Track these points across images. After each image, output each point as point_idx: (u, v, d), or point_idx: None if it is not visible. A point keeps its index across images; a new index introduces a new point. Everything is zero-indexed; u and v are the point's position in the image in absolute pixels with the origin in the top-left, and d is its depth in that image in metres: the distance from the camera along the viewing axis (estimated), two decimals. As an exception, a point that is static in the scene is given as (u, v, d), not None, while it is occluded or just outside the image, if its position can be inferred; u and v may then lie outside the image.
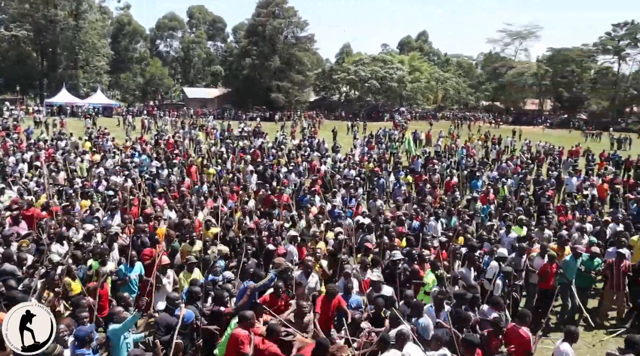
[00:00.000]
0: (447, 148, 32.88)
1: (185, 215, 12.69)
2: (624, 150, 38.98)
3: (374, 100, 72.38)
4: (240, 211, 13.46)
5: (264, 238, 10.94)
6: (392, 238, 11.24)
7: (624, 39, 67.74)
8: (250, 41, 67.96)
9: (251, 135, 35.88)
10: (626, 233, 12.25)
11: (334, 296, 7.88)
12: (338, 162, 23.45)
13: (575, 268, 10.29)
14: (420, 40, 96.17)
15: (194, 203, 13.79)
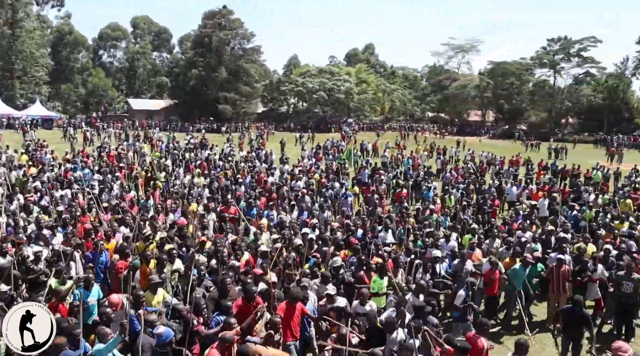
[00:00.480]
0: (393, 158, 33.36)
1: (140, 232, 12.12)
2: (560, 159, 40.59)
3: (322, 112, 72.86)
4: (198, 225, 13.17)
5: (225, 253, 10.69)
6: (339, 248, 11.29)
7: (558, 53, 70.86)
8: (196, 52, 67.32)
9: (198, 147, 35.42)
10: (567, 238, 12.72)
11: (297, 301, 7.86)
12: (285, 173, 23.41)
13: (524, 277, 10.55)
14: (367, 53, 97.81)
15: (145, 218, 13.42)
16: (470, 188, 21.11)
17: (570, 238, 13.13)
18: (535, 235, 13.46)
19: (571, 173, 28.14)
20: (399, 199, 18.92)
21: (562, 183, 27.00)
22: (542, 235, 13.68)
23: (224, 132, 53.93)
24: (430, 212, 16.02)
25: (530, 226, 14.80)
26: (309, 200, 17.56)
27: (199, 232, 12.68)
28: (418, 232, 13.56)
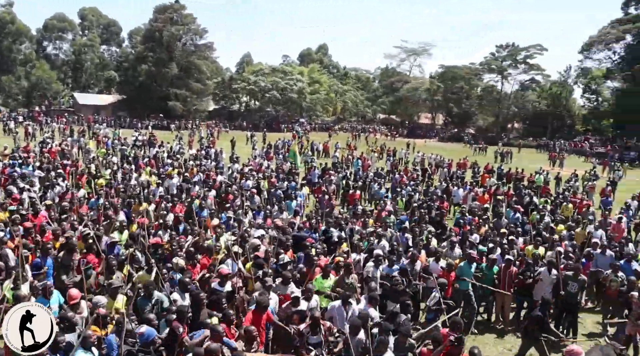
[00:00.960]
0: (344, 159, 33.52)
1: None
2: (506, 163, 41.75)
3: (274, 111, 72.58)
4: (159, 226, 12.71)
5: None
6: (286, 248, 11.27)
7: (506, 59, 72.94)
8: (146, 47, 65.77)
9: (146, 144, 34.61)
10: (513, 239, 13.03)
11: (265, 310, 7.66)
12: (235, 172, 23.13)
13: (470, 274, 10.67)
14: (320, 53, 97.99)
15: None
16: (419, 189, 21.41)
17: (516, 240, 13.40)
18: (482, 237, 13.72)
19: (515, 176, 28.98)
20: (352, 201, 18.96)
21: (506, 186, 27.74)
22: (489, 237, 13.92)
23: (174, 129, 52.92)
24: (388, 212, 16.11)
25: (479, 228, 15.06)
26: (258, 200, 17.43)
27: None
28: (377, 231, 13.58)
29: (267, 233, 12.49)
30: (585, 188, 26.75)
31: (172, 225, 12.83)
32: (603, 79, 69.35)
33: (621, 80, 64.35)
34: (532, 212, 17.53)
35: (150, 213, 14.40)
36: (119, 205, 14.56)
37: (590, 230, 15.47)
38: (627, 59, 60.80)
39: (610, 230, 16.03)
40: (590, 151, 55.87)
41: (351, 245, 11.52)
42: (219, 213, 15.52)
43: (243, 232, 12.27)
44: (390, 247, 12.05)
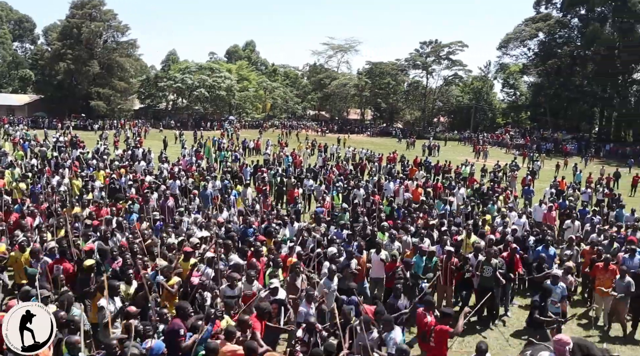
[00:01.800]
0: (275, 156, 33.41)
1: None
2: (433, 156, 43.03)
3: (203, 109, 71.29)
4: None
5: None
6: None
7: (430, 55, 75.18)
8: (64, 44, 62.66)
9: (67, 146, 33.08)
10: (446, 230, 13.37)
11: (266, 317, 7.59)
12: (165, 172, 22.52)
13: (422, 266, 10.84)
14: (247, 50, 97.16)
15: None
16: (361, 184, 21.52)
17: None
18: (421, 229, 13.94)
19: (443, 169, 29.91)
20: (292, 199, 18.80)
21: (434, 179, 28.55)
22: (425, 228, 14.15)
23: (97, 129, 50.88)
24: (343, 210, 16.15)
25: (417, 220, 15.29)
26: (198, 201, 17.04)
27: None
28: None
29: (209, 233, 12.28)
30: (508, 178, 28.04)
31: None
32: (520, 74, 72.94)
33: (536, 75, 67.90)
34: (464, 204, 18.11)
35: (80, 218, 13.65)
36: (44, 210, 13.83)
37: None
38: (540, 55, 64.21)
39: (542, 218, 16.97)
40: (510, 143, 58.56)
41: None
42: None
43: (185, 232, 12.10)
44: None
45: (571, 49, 60.90)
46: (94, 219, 13.07)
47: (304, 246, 11.60)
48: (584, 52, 60.40)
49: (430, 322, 7.84)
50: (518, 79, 76.07)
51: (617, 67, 58.99)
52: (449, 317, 7.72)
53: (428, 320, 7.89)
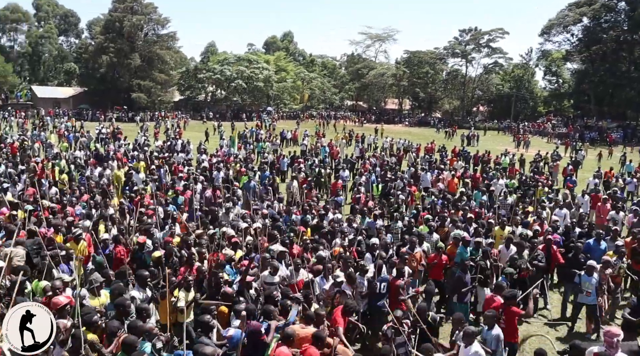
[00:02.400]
0: (312, 147, 33.47)
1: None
2: (472, 146, 42.36)
3: (241, 100, 71.92)
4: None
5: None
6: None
7: (469, 43, 73.77)
8: (107, 37, 64.10)
9: (110, 138, 33.96)
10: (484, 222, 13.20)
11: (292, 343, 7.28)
12: (202, 163, 22.88)
13: (466, 255, 10.82)
14: (285, 41, 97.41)
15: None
16: (388, 175, 21.39)
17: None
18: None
19: (482, 159, 29.40)
20: (334, 191, 18.73)
21: (473, 169, 28.14)
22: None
23: (139, 121, 51.99)
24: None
25: (457, 212, 15.00)
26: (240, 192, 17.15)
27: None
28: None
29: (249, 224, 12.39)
30: (550, 169, 27.35)
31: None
32: (562, 61, 70.83)
33: (580, 61, 65.81)
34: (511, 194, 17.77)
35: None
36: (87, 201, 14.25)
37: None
38: (585, 41, 62.14)
39: (597, 211, 16.66)
40: (552, 132, 57.11)
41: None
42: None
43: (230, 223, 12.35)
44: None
45: (617, 34, 58.68)
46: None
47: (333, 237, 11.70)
48: (631, 37, 58.10)
49: (498, 304, 8.19)
50: (561, 66, 73.92)
51: (666, 52, 56.70)
52: (514, 299, 8.07)
53: (496, 301, 8.30)
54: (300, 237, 11.27)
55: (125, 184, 17.83)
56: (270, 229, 11.59)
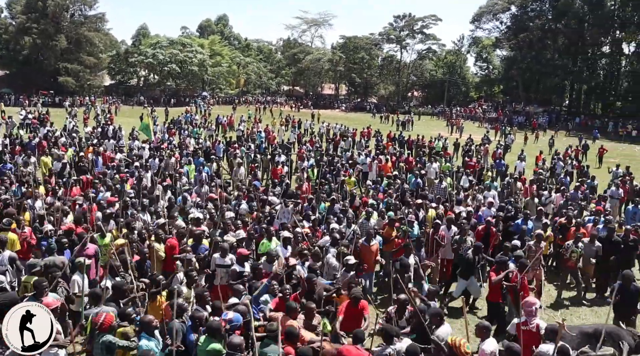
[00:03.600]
0: (248, 132, 33.12)
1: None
2: (407, 131, 43.19)
3: (175, 85, 70.15)
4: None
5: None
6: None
7: (404, 30, 74.97)
8: (29, 17, 60.55)
9: (36, 123, 32.34)
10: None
11: (359, 302, 7.43)
12: (136, 149, 22.22)
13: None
14: (220, 24, 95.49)
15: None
16: (324, 160, 21.46)
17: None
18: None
19: (416, 143, 30.02)
20: (276, 175, 18.53)
21: (407, 153, 28.67)
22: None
23: (67, 106, 49.71)
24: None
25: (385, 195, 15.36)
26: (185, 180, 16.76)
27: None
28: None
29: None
30: (479, 153, 28.20)
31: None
32: (492, 47, 73.35)
33: (508, 49, 68.33)
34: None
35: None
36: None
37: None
38: (513, 28, 64.62)
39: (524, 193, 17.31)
40: (483, 116, 59.09)
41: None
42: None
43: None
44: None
45: (542, 23, 61.32)
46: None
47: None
48: (555, 26, 60.87)
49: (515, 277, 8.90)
50: (491, 53, 76.61)
51: (587, 41, 59.81)
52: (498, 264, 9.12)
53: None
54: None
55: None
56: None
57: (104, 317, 6.05)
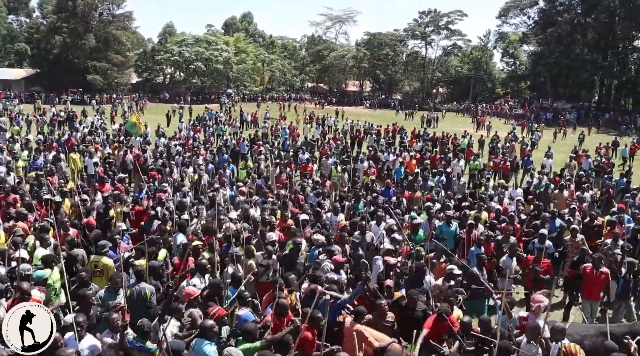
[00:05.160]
0: (273, 129, 33.28)
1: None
2: (432, 127, 42.86)
3: (201, 82, 70.77)
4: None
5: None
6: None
7: (429, 25, 74.31)
8: (59, 17, 61.91)
9: (65, 120, 32.98)
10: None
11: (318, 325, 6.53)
12: (161, 146, 22.48)
13: (450, 233, 11.15)
14: (245, 22, 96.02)
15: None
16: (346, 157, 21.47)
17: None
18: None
19: (441, 140, 29.76)
20: (305, 173, 18.52)
21: (433, 151, 28.45)
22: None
23: (95, 103, 50.57)
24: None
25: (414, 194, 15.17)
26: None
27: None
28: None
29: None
30: (505, 149, 27.83)
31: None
32: (519, 43, 72.22)
33: (536, 44, 67.22)
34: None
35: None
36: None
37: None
38: (540, 23, 63.45)
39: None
40: (509, 113, 58.27)
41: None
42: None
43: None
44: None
45: (572, 17, 60.08)
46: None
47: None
48: (584, 20, 59.58)
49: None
50: (518, 48, 75.44)
51: (618, 35, 58.44)
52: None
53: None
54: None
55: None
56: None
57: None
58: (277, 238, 10.06)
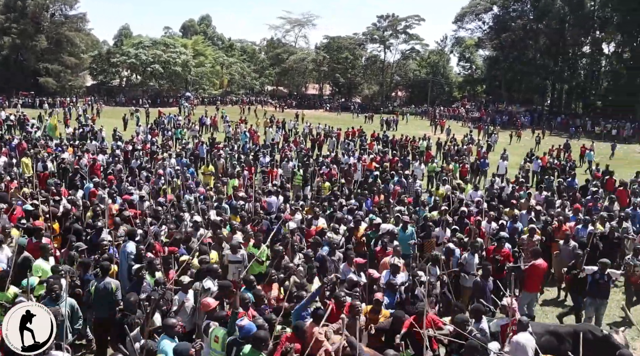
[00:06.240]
0: (233, 133, 32.97)
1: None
2: (392, 130, 43.28)
3: (158, 85, 69.59)
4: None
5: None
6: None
7: (387, 30, 75.17)
8: (7, 17, 59.62)
9: (16, 125, 31.90)
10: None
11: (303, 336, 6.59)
12: (118, 150, 21.98)
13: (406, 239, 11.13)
14: (203, 24, 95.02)
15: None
16: (309, 161, 21.46)
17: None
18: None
19: (399, 143, 30.12)
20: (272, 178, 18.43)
21: (391, 153, 28.72)
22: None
23: (47, 107, 49.00)
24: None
25: (378, 195, 15.44)
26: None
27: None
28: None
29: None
30: (463, 151, 28.34)
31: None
32: (475, 47, 73.92)
33: (491, 48, 68.91)
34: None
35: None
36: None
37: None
38: (495, 28, 65.17)
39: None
40: (466, 116, 59.43)
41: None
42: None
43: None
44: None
45: (524, 23, 61.87)
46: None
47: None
48: (536, 26, 61.44)
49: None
50: (474, 53, 77.18)
51: (568, 41, 60.49)
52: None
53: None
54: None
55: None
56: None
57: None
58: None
